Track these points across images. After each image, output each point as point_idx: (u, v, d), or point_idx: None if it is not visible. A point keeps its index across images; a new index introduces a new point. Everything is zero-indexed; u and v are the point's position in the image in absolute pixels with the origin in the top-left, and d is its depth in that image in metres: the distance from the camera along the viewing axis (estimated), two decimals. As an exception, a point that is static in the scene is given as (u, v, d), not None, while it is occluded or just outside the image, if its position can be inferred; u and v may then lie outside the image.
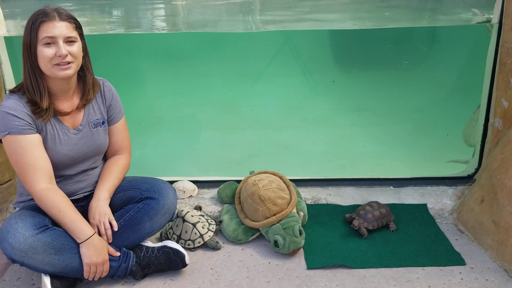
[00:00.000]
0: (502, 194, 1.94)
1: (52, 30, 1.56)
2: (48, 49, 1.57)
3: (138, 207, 1.79)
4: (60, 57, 1.58)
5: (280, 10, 2.30)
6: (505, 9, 2.11)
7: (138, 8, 2.29)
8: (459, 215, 2.19)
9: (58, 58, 1.58)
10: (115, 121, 1.88)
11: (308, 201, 2.32)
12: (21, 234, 1.57)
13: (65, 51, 1.58)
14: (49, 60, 1.58)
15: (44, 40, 1.56)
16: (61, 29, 1.58)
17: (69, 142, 1.73)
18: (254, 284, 1.78)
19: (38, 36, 1.56)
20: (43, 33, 1.56)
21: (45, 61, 1.58)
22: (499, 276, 1.80)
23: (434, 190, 2.38)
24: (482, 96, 2.34)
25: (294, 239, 1.91)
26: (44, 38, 1.56)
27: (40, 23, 1.56)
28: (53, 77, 1.63)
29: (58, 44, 1.58)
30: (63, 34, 1.58)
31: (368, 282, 1.77)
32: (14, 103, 1.61)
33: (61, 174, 1.76)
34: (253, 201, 2.03)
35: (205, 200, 2.32)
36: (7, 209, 2.22)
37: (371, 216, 2.07)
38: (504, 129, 2.18)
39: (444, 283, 1.76)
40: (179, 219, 2.03)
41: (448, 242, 2.03)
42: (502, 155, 2.06)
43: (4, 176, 2.20)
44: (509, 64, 2.11)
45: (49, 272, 1.63)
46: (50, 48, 1.57)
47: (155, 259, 1.78)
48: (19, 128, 1.60)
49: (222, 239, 2.07)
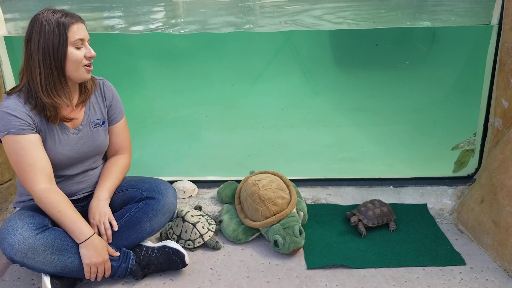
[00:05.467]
0: (502, 194, 1.94)
1: (82, 32, 1.61)
2: (79, 51, 1.61)
3: (138, 207, 1.79)
4: (90, 58, 1.63)
5: (280, 10, 2.30)
6: (505, 9, 2.11)
7: (138, 8, 2.29)
8: (459, 215, 2.19)
9: (87, 60, 1.63)
10: (116, 121, 1.88)
11: (308, 201, 2.32)
12: (21, 234, 1.57)
13: (94, 53, 1.64)
14: (80, 62, 1.61)
15: (77, 42, 1.59)
16: (85, 31, 1.64)
17: (69, 142, 1.73)
18: (254, 284, 1.78)
19: (68, 37, 1.57)
20: (75, 35, 1.58)
21: (76, 63, 1.60)
22: (499, 276, 1.80)
23: (434, 190, 2.38)
24: (482, 96, 2.35)
25: (294, 239, 1.91)
26: (77, 40, 1.59)
27: (71, 24, 1.57)
28: (76, 79, 1.65)
29: (86, 46, 1.63)
30: (87, 36, 1.64)
31: (368, 282, 1.77)
32: (13, 103, 1.61)
33: (61, 174, 1.76)
34: (253, 201, 2.03)
35: (205, 200, 2.32)
36: (7, 209, 2.22)
37: (372, 214, 2.07)
38: (504, 129, 2.18)
39: (444, 283, 1.76)
40: (179, 219, 2.03)
41: (448, 242, 2.03)
42: (502, 155, 2.06)
43: (4, 176, 2.20)
44: (509, 64, 2.11)
45: (49, 272, 1.64)
46: (80, 50, 1.61)
47: (155, 259, 1.78)
48: (19, 128, 1.60)
49: (222, 239, 2.07)
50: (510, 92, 2.13)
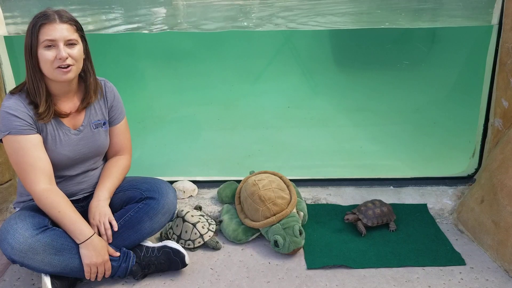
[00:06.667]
0: (502, 194, 1.94)
1: (52, 32, 1.56)
2: (48, 52, 1.57)
3: (138, 207, 1.79)
4: (61, 60, 1.57)
5: (280, 10, 2.30)
6: (505, 9, 2.11)
7: (138, 8, 2.29)
8: (459, 215, 2.19)
9: (58, 61, 1.58)
10: (117, 122, 1.88)
11: (308, 201, 2.32)
12: (21, 234, 1.57)
13: (65, 54, 1.58)
14: (50, 63, 1.58)
15: (45, 43, 1.56)
16: (61, 31, 1.57)
17: (69, 143, 1.73)
18: (254, 284, 1.78)
19: (38, 38, 1.56)
20: (44, 35, 1.56)
21: (46, 64, 1.58)
22: (499, 276, 1.80)
23: (434, 190, 2.38)
24: (482, 96, 2.35)
25: (294, 239, 1.91)
26: (45, 41, 1.56)
27: (41, 25, 1.56)
28: (55, 80, 1.63)
29: (58, 47, 1.57)
30: (63, 37, 1.58)
31: (368, 282, 1.77)
32: (14, 103, 1.61)
33: (61, 174, 1.76)
34: (253, 201, 2.03)
35: (205, 200, 2.32)
36: (7, 209, 2.22)
37: (372, 213, 2.07)
38: (504, 129, 2.18)
39: (444, 283, 1.76)
40: (179, 219, 2.03)
41: (448, 242, 2.03)
42: (502, 155, 2.06)
43: (4, 176, 2.20)
44: (509, 64, 2.11)
45: (49, 272, 1.63)
46: (51, 51, 1.57)
47: (155, 259, 1.78)
48: (19, 129, 1.60)
49: (222, 239, 2.07)
50: (510, 92, 2.13)
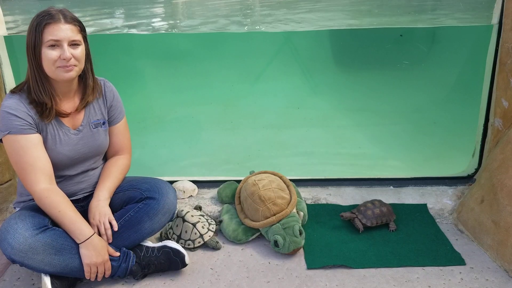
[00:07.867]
0: (502, 194, 1.94)
1: (57, 32, 1.56)
2: (52, 52, 1.57)
3: (138, 207, 1.79)
4: (65, 60, 1.58)
5: (280, 10, 2.31)
6: (505, 9, 2.11)
7: (138, 8, 2.29)
8: (459, 215, 2.19)
9: (62, 61, 1.58)
10: (116, 122, 1.88)
11: (308, 201, 2.32)
12: (21, 234, 1.57)
13: (69, 54, 1.58)
14: (53, 63, 1.58)
15: (49, 42, 1.56)
16: (66, 32, 1.58)
17: (69, 143, 1.73)
18: (254, 284, 1.78)
19: (43, 38, 1.56)
20: (48, 35, 1.56)
21: (49, 63, 1.58)
22: (499, 276, 1.80)
23: (434, 190, 2.38)
24: (482, 96, 2.34)
25: (294, 239, 1.91)
26: (49, 40, 1.56)
27: (46, 25, 1.56)
28: (56, 79, 1.63)
29: (62, 47, 1.58)
30: (67, 37, 1.58)
31: (368, 282, 1.77)
32: (14, 103, 1.61)
33: (61, 174, 1.76)
34: (253, 201, 2.03)
35: (205, 200, 2.32)
36: (7, 209, 2.22)
37: (371, 213, 2.08)
38: (504, 129, 2.18)
39: (444, 283, 1.76)
40: (179, 219, 2.03)
41: (448, 242, 2.03)
42: (502, 155, 2.06)
43: (4, 176, 2.20)
44: (509, 64, 2.11)
45: (49, 272, 1.63)
46: (55, 51, 1.58)
47: (155, 259, 1.78)
48: (20, 128, 1.60)
49: (222, 239, 2.07)
50: (510, 92, 2.13)
